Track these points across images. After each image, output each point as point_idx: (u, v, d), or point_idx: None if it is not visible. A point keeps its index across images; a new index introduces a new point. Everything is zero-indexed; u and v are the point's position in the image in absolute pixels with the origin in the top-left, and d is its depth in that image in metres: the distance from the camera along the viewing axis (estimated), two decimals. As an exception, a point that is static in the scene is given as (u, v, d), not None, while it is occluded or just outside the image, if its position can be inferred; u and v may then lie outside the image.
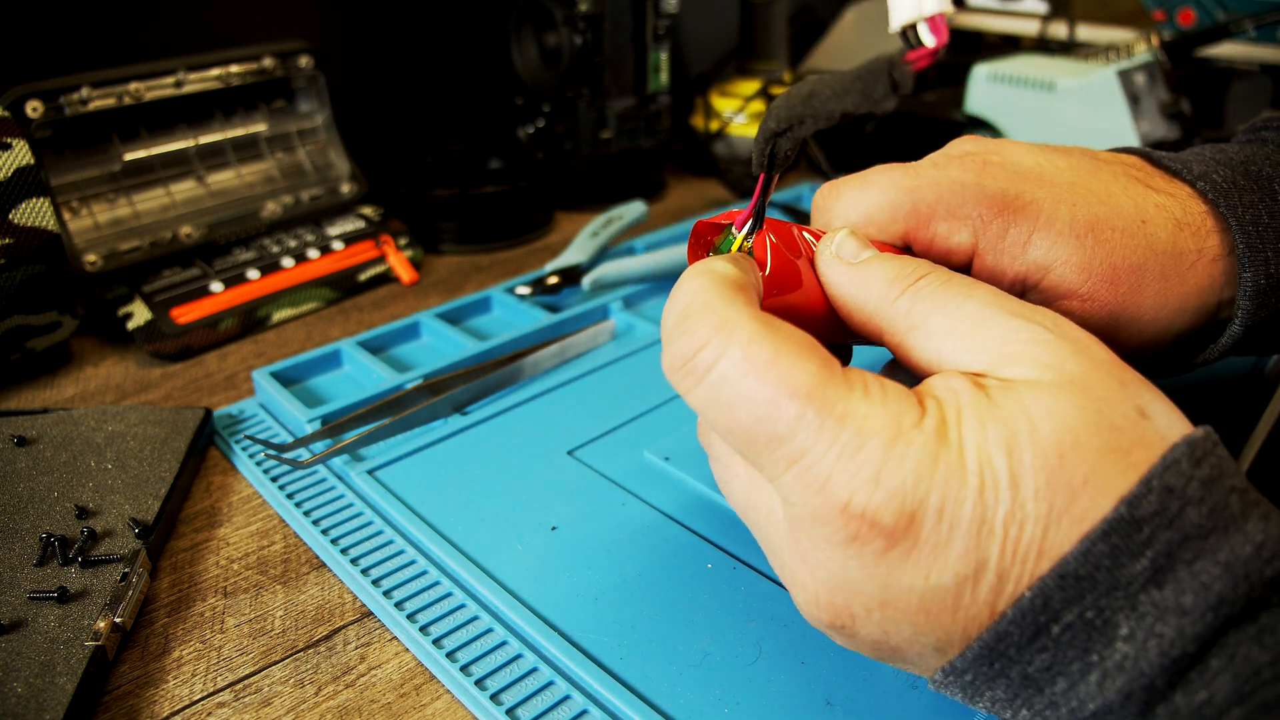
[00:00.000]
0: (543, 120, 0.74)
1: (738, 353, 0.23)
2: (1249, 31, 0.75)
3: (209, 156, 0.61)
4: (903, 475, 0.22)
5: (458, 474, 0.40)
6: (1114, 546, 0.21)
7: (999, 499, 0.22)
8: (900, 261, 0.28)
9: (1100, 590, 0.21)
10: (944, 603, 0.23)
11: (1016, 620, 0.22)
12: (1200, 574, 0.21)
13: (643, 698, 0.29)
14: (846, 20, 0.97)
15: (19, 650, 0.30)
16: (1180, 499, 0.21)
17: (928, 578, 0.22)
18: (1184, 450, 0.22)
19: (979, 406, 0.23)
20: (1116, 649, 0.21)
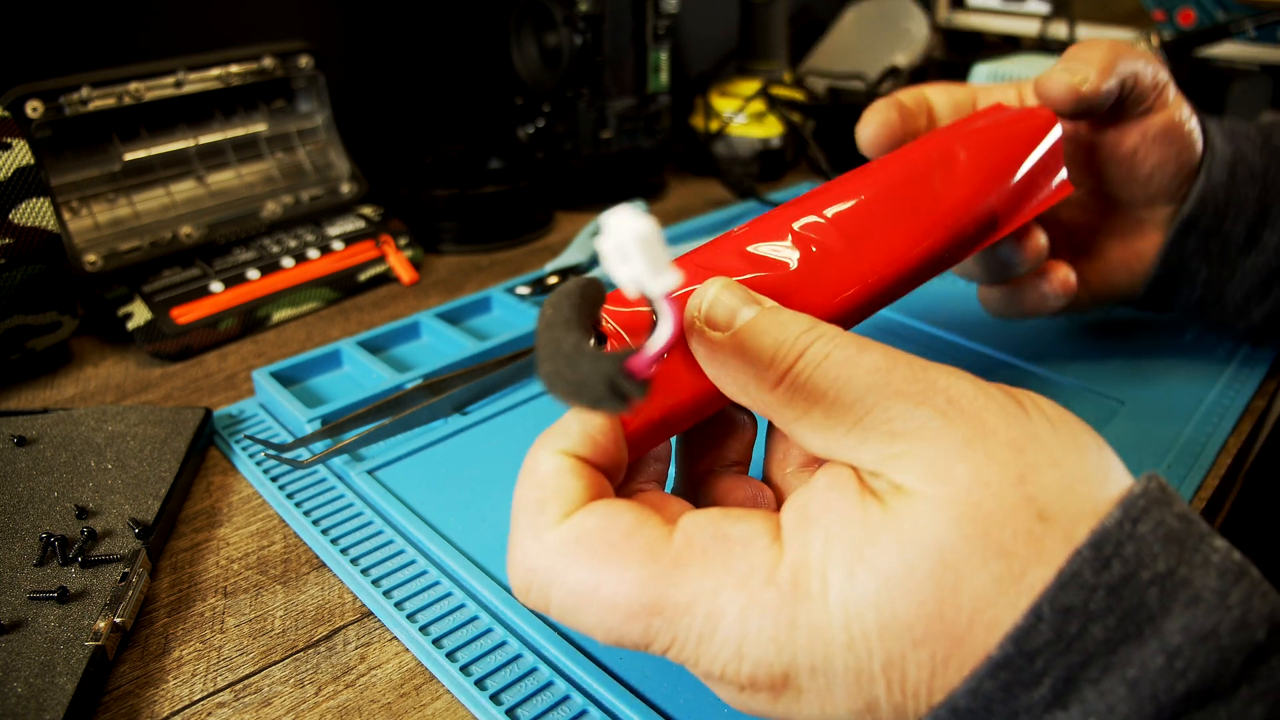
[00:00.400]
0: (543, 120, 0.74)
1: (560, 594, 0.23)
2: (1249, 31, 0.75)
3: (209, 156, 0.61)
4: (763, 646, 0.21)
5: (458, 474, 0.40)
6: (1005, 682, 0.20)
7: (871, 651, 0.21)
8: (778, 331, 0.24)
9: (998, 718, 0.20)
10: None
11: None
12: (1106, 694, 0.19)
13: (642, 698, 0.29)
14: (846, 20, 0.97)
15: (19, 650, 0.30)
16: (1081, 617, 0.20)
17: (823, 711, 0.22)
18: (1087, 555, 0.20)
19: (850, 545, 0.21)
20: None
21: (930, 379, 0.23)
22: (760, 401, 0.25)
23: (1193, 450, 0.41)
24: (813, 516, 0.22)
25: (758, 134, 0.80)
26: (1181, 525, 0.21)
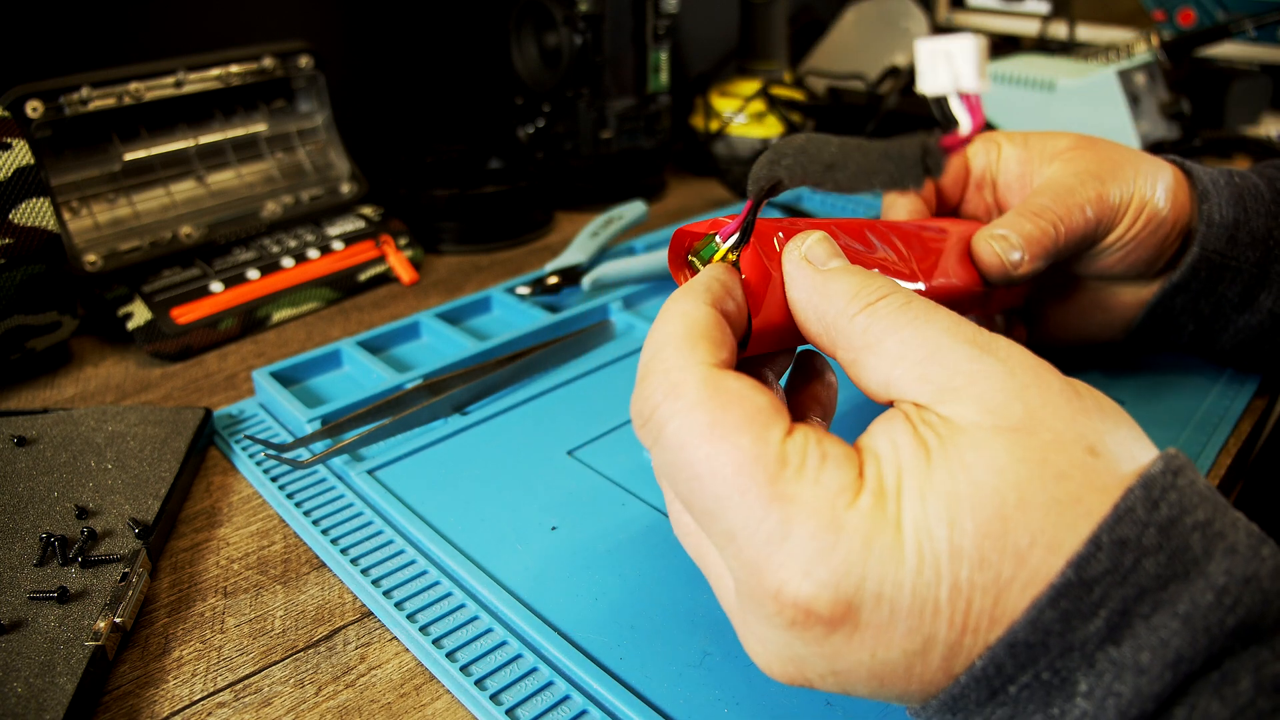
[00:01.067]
0: (543, 120, 0.74)
1: (677, 424, 0.23)
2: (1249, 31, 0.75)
3: (209, 156, 0.61)
4: (833, 566, 0.21)
5: (458, 474, 0.40)
6: (1064, 611, 0.20)
7: (940, 576, 0.21)
8: (865, 276, 0.27)
9: (1054, 653, 0.21)
10: (895, 673, 0.22)
11: (970, 685, 0.21)
12: (1158, 629, 0.20)
13: (642, 698, 0.29)
14: (846, 20, 0.97)
15: (19, 650, 0.30)
16: (1135, 551, 0.20)
17: (874, 654, 0.22)
18: (1139, 494, 0.21)
19: (918, 472, 0.22)
20: (1076, 704, 0.20)
21: (994, 341, 0.24)
22: (836, 331, 0.26)
23: (1193, 451, 0.41)
24: (882, 453, 0.23)
25: (758, 134, 0.80)
26: (1208, 490, 0.22)
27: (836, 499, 0.22)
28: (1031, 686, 0.21)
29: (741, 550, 0.22)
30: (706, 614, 0.32)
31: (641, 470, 0.40)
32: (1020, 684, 0.21)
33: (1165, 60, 0.75)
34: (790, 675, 0.24)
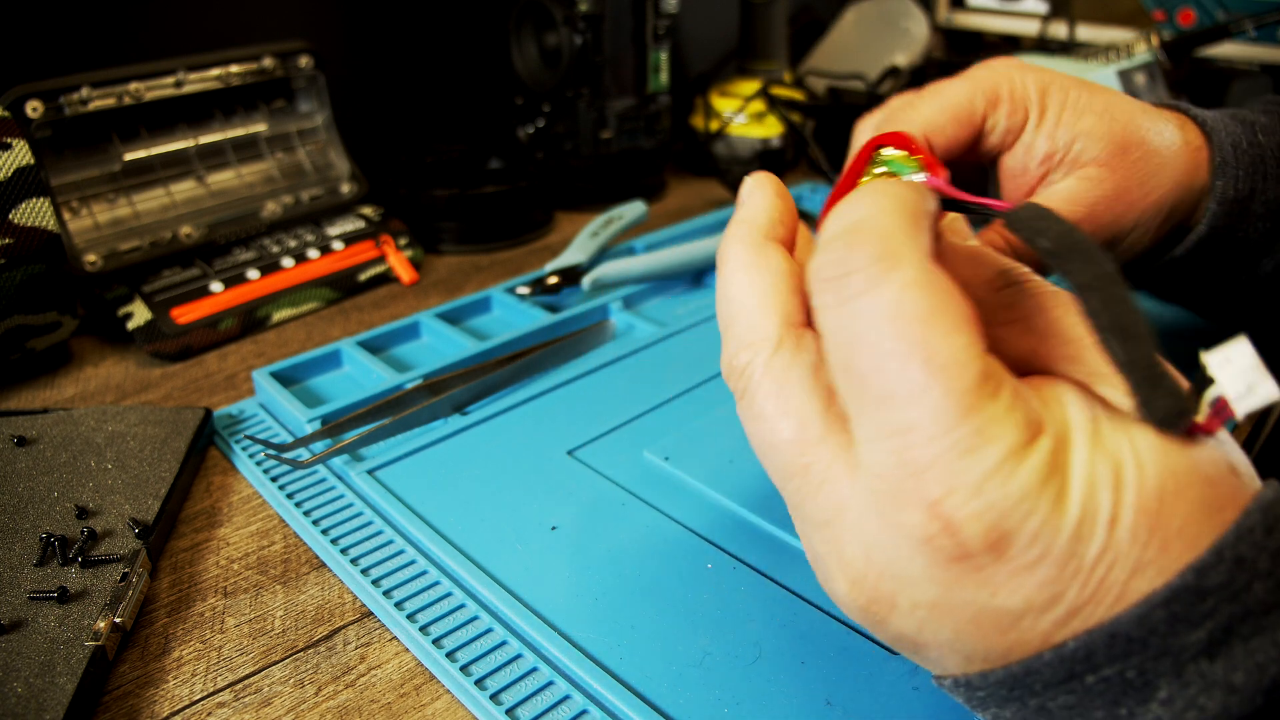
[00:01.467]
0: (543, 120, 0.74)
1: (892, 292, 0.21)
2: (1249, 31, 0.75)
3: (209, 156, 0.61)
4: (1008, 492, 0.20)
5: (457, 474, 0.40)
6: (1173, 614, 0.20)
7: (1094, 536, 0.20)
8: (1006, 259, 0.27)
9: (1150, 654, 0.20)
10: (1000, 623, 0.21)
11: (1052, 664, 0.21)
12: (1255, 653, 0.20)
13: (642, 697, 0.29)
14: (846, 20, 0.97)
15: (19, 650, 0.30)
16: (1249, 572, 0.20)
17: (994, 596, 0.21)
18: (1258, 517, 0.21)
19: (1089, 433, 0.22)
20: (1150, 710, 0.20)
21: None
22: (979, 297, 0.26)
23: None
24: (1050, 404, 0.22)
25: (758, 134, 0.80)
26: None
27: (1024, 432, 0.21)
28: (1111, 681, 0.21)
29: (912, 447, 0.21)
30: (707, 614, 0.32)
31: (641, 470, 0.40)
32: (1101, 676, 0.21)
33: (1165, 60, 0.75)
34: (880, 596, 0.22)
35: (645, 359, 0.49)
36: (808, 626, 0.32)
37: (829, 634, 0.31)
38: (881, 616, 0.23)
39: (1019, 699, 0.22)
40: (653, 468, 0.40)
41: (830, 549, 0.23)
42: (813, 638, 0.31)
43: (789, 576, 0.34)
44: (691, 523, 0.37)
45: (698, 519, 0.37)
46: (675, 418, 0.44)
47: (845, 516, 0.22)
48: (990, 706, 0.23)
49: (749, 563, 0.35)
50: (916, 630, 0.22)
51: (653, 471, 0.40)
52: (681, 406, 0.45)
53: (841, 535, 0.23)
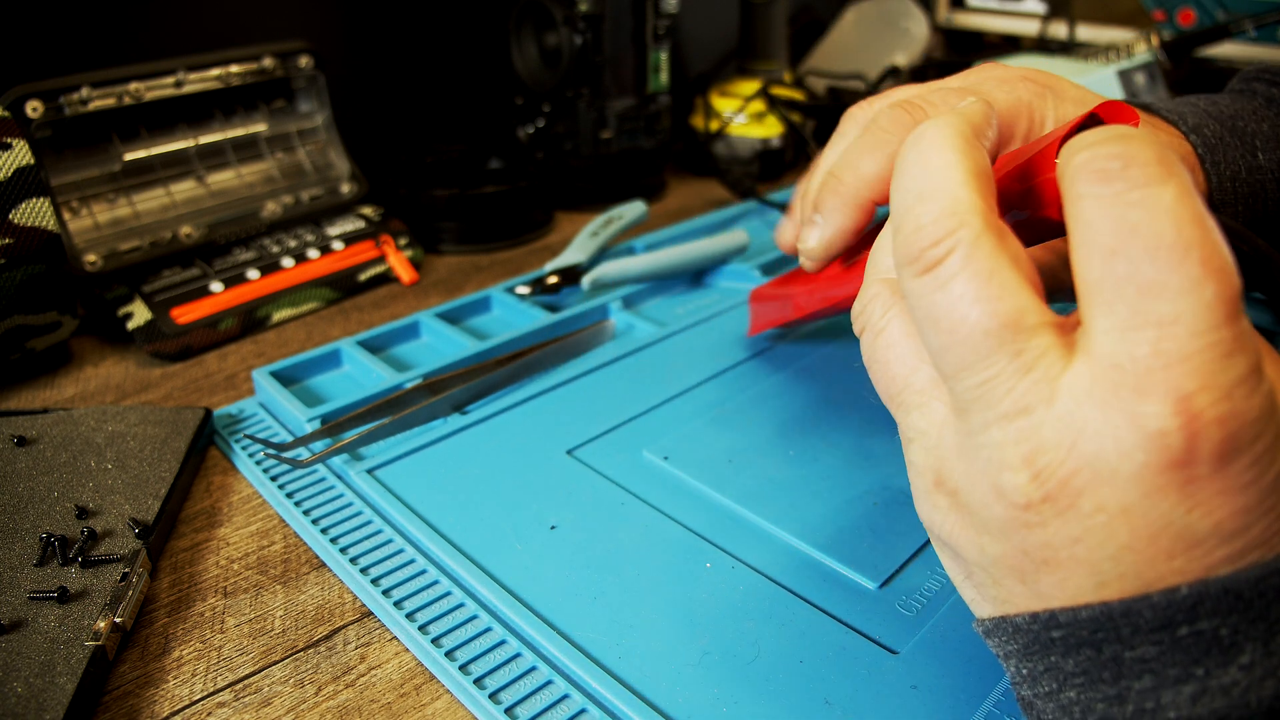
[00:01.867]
0: (543, 120, 0.74)
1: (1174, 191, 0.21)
2: (1249, 31, 0.75)
3: (209, 156, 0.61)
4: (1251, 405, 0.20)
5: (457, 473, 0.40)
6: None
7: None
8: None
9: (1250, 616, 0.20)
10: (1176, 545, 0.21)
11: (1158, 606, 0.21)
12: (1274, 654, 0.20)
13: (641, 696, 0.29)
14: (846, 20, 0.97)
15: (19, 650, 0.30)
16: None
17: (1190, 512, 0.20)
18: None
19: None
20: (1229, 673, 0.20)
21: None
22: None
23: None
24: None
25: (758, 134, 0.80)
26: None
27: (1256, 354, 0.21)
28: (1200, 635, 0.20)
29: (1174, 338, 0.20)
30: (705, 613, 0.32)
31: (640, 470, 0.40)
32: (1196, 629, 0.20)
33: (1165, 60, 0.75)
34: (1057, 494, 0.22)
35: (645, 359, 0.49)
36: (806, 625, 0.32)
37: (827, 633, 0.31)
38: (1047, 517, 0.22)
39: (1099, 643, 0.21)
40: (652, 467, 0.40)
41: (1020, 438, 0.22)
42: (811, 637, 0.31)
43: (788, 576, 0.34)
44: (690, 522, 0.37)
45: (697, 518, 0.37)
46: (675, 417, 0.44)
47: (1056, 404, 0.21)
48: (1055, 653, 0.22)
49: (748, 562, 0.35)
50: (1078, 538, 0.21)
51: (652, 471, 0.40)
52: (681, 406, 0.45)
53: (1043, 424, 0.22)
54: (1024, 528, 0.22)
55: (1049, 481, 0.21)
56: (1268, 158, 0.38)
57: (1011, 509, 0.22)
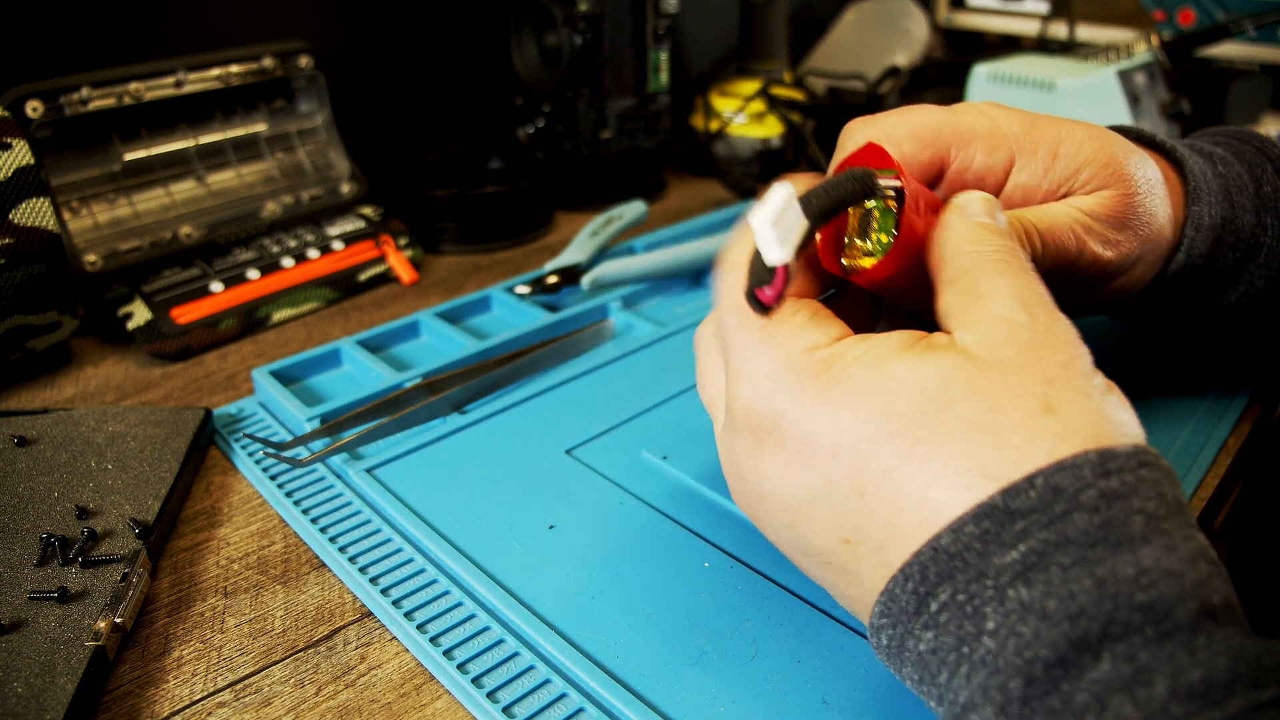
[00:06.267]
0: (543, 120, 0.74)
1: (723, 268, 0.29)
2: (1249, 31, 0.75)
3: (209, 156, 0.61)
4: (775, 385, 0.25)
5: (456, 473, 0.40)
6: (984, 531, 0.22)
7: (853, 424, 0.24)
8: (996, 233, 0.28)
9: (970, 573, 0.22)
10: (800, 512, 0.25)
11: (900, 581, 0.23)
12: (1071, 581, 0.21)
13: (639, 696, 0.29)
14: (846, 20, 0.97)
15: (19, 650, 0.30)
16: (1069, 502, 0.21)
17: (784, 479, 0.26)
18: (1093, 457, 0.22)
19: (881, 355, 0.25)
20: (983, 642, 0.21)
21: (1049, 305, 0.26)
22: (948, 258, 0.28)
23: (1192, 450, 0.41)
24: (868, 337, 0.26)
25: (758, 134, 0.80)
26: (1175, 503, 0.23)
27: (800, 342, 0.26)
28: (950, 609, 0.22)
29: (731, 360, 0.27)
30: (703, 613, 0.32)
31: (639, 469, 0.40)
32: (941, 601, 0.22)
33: (1165, 60, 0.75)
34: (737, 495, 0.28)
35: (644, 358, 0.49)
36: (804, 625, 0.32)
37: (825, 632, 0.31)
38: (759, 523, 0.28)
39: (903, 643, 0.23)
40: (651, 467, 0.40)
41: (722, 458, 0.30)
42: (809, 636, 0.31)
43: (786, 575, 0.34)
44: (689, 521, 0.37)
45: (695, 518, 0.37)
46: (674, 417, 0.44)
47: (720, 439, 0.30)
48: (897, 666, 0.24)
49: (746, 561, 0.35)
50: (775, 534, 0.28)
51: (651, 471, 0.40)
52: (680, 406, 0.45)
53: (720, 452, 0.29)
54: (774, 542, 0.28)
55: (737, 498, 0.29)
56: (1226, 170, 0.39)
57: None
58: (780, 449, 0.26)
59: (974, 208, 0.29)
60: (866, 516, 0.24)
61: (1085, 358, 0.25)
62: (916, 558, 0.23)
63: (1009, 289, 0.26)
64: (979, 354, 0.24)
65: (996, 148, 0.34)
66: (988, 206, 0.29)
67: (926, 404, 0.23)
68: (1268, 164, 0.40)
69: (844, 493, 0.24)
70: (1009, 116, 0.35)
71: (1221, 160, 0.39)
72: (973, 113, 0.35)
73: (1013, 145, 0.34)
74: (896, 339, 0.26)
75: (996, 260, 0.27)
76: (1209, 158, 0.39)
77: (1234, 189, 0.38)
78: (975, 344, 0.25)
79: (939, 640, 0.22)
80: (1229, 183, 0.38)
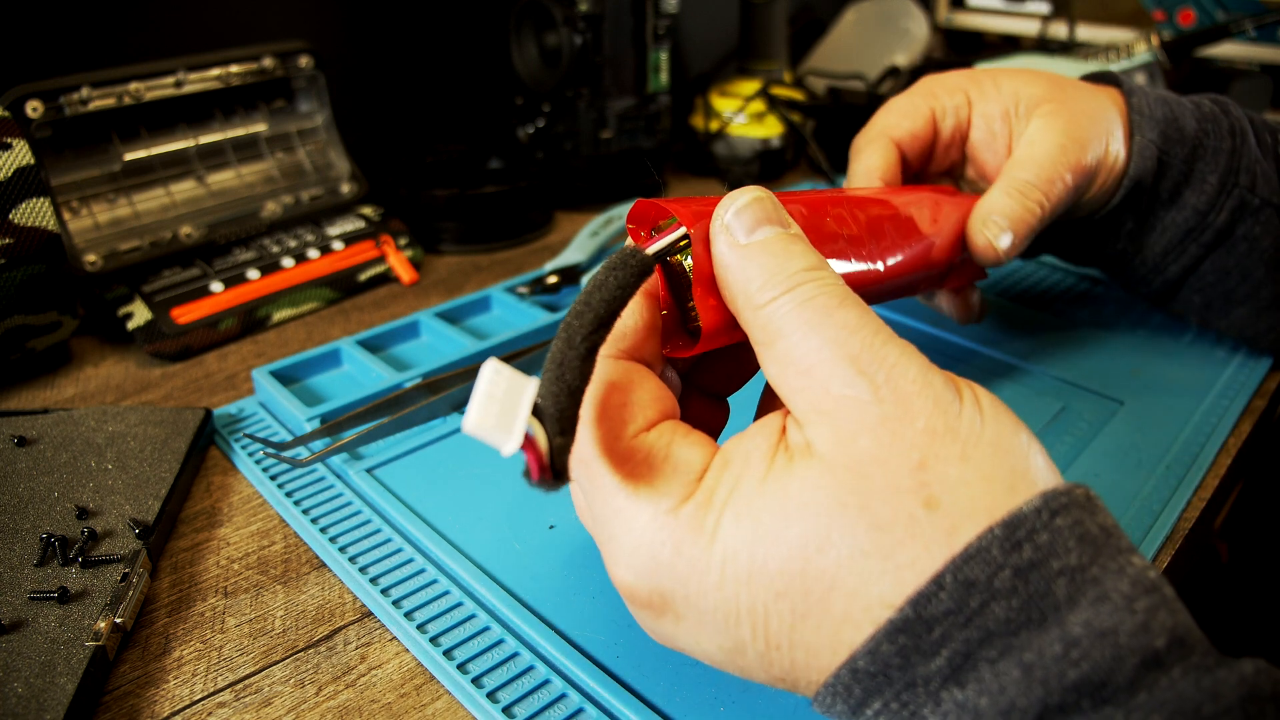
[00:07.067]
0: (543, 120, 0.74)
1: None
2: (1249, 31, 0.75)
3: (209, 156, 0.61)
4: (645, 563, 0.23)
5: (456, 473, 0.40)
6: (902, 647, 0.20)
7: (739, 594, 0.22)
8: (782, 257, 0.25)
9: (898, 686, 0.21)
10: (724, 661, 0.24)
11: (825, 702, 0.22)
12: (1001, 675, 0.20)
13: (638, 695, 0.29)
14: (846, 20, 0.97)
15: (19, 650, 0.30)
16: (984, 593, 0.20)
17: (698, 642, 0.24)
18: (999, 534, 0.20)
19: (749, 493, 0.23)
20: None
21: (882, 353, 0.23)
22: (746, 317, 0.25)
23: (1192, 450, 0.41)
24: (730, 461, 0.24)
25: (758, 134, 0.80)
26: (1101, 534, 0.21)
27: (663, 501, 0.24)
28: (886, 713, 0.21)
29: (598, 536, 0.25)
30: (705, 614, 0.32)
31: (641, 470, 0.40)
32: (874, 709, 0.21)
33: (1165, 60, 0.75)
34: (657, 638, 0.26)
35: (645, 359, 0.49)
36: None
37: (827, 634, 0.31)
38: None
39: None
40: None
41: None
42: (811, 637, 0.31)
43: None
44: (690, 522, 0.37)
45: (697, 519, 0.37)
46: (674, 418, 0.44)
47: None
48: None
49: (748, 562, 0.35)
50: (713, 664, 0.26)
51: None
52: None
53: None
54: None
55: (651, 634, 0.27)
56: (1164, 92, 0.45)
57: None
58: (680, 620, 0.24)
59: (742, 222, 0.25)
60: (789, 665, 0.23)
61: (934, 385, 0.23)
62: (836, 678, 0.22)
63: (832, 353, 0.23)
64: (834, 458, 0.22)
65: (954, 93, 0.44)
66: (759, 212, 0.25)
67: (804, 551, 0.22)
68: (1204, 98, 0.45)
69: (759, 650, 0.23)
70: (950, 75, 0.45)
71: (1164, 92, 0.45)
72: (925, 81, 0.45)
73: (965, 89, 0.44)
74: (757, 456, 0.23)
75: (802, 309, 0.24)
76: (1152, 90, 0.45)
77: (1170, 101, 0.44)
78: (827, 445, 0.22)
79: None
80: (1166, 97, 0.44)
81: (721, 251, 0.26)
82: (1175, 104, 0.44)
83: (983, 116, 0.43)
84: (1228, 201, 0.42)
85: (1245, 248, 0.43)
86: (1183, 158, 0.43)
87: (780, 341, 0.24)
